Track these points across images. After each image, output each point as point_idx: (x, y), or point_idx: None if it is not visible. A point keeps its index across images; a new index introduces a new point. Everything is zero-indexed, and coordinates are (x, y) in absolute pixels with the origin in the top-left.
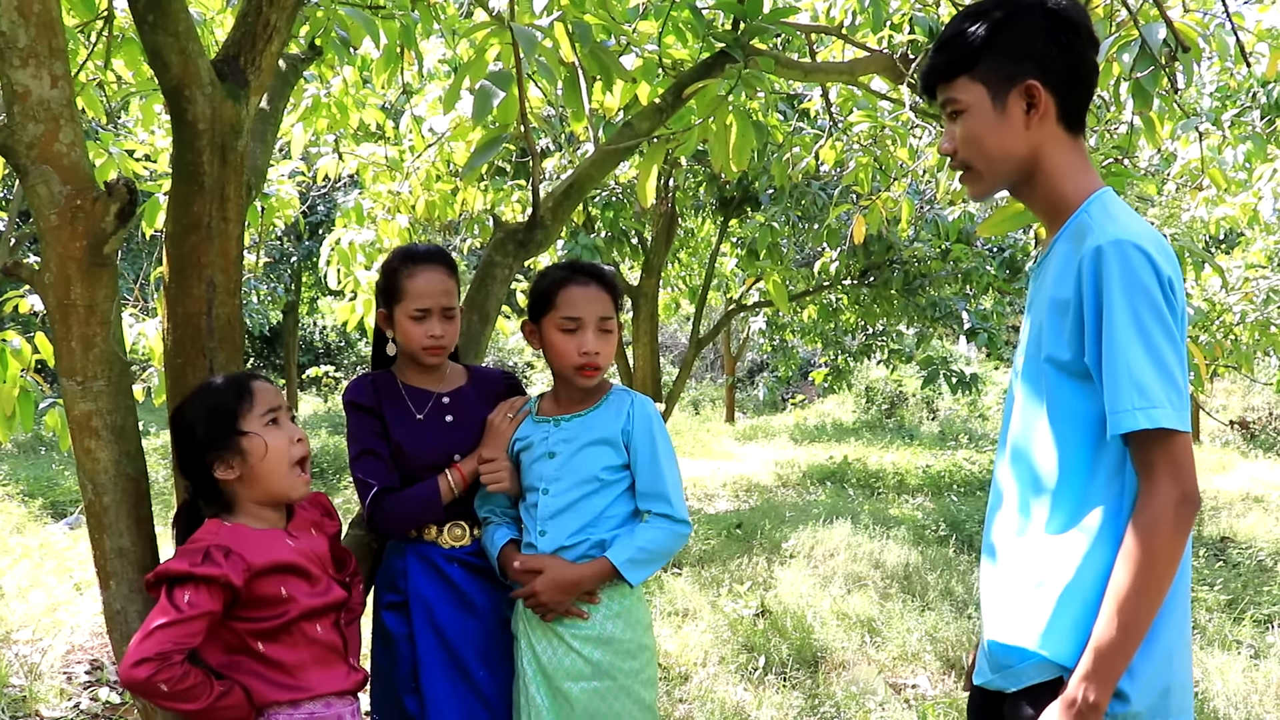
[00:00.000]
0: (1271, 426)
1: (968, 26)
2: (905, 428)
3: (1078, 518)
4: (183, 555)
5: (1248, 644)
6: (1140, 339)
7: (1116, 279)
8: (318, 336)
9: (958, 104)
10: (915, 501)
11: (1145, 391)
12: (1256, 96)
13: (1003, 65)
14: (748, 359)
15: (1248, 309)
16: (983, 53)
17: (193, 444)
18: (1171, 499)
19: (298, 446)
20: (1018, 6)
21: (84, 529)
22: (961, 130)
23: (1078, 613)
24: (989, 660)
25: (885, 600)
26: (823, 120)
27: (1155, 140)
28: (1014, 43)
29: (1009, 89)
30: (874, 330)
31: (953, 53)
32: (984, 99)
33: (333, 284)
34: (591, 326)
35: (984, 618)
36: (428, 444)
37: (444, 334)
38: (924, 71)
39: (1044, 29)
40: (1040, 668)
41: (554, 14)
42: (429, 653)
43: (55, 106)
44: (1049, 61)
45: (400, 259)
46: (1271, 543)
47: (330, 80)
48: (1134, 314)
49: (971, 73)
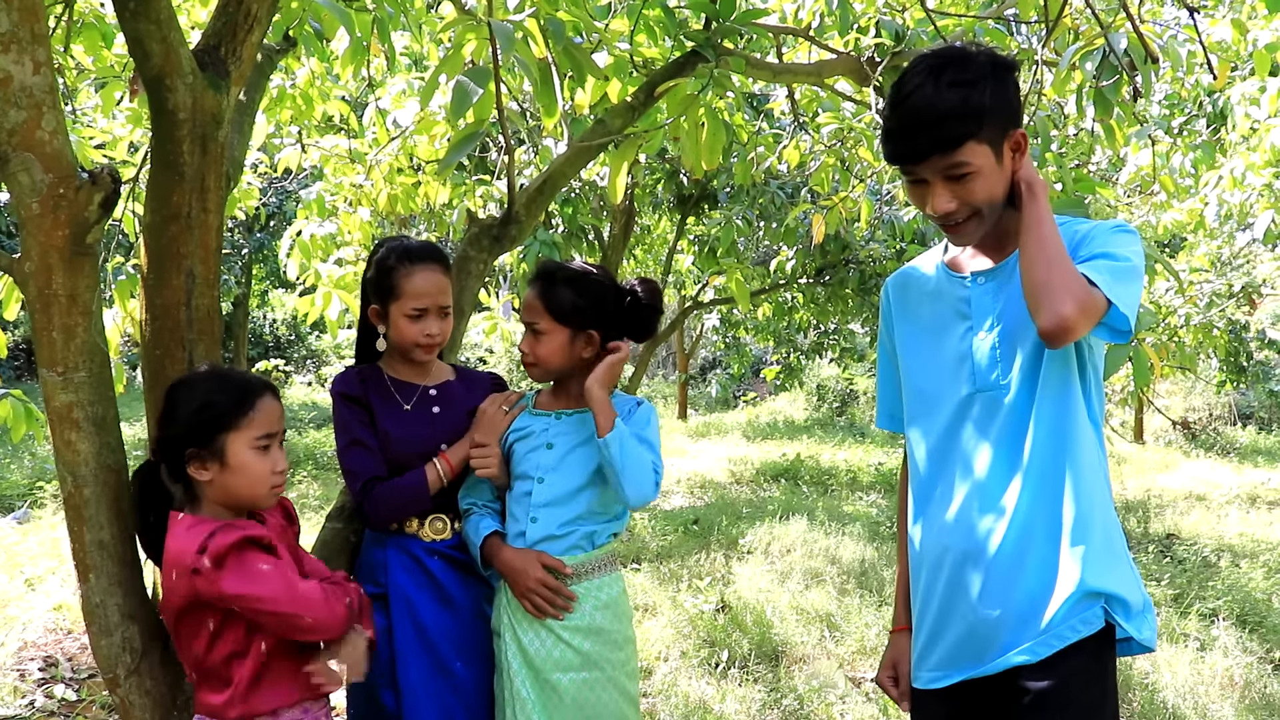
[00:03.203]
0: (1212, 427)
1: (965, 96)
2: (856, 425)
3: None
4: (222, 531)
5: (1194, 637)
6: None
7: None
8: (268, 330)
9: (968, 167)
10: (869, 498)
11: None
12: (1203, 105)
13: (998, 123)
14: (700, 356)
15: (1191, 312)
16: (985, 117)
17: (179, 431)
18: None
19: (276, 477)
20: (1002, 67)
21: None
22: (970, 189)
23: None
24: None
25: (843, 595)
26: (785, 120)
27: (1115, 146)
28: (1004, 101)
29: (1003, 142)
30: (826, 329)
31: (956, 123)
32: (990, 158)
33: (293, 276)
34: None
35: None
36: (415, 434)
37: (439, 332)
38: (917, 145)
39: (1010, 80)
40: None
41: (528, 10)
42: (407, 646)
43: (37, 93)
44: (1018, 107)
45: (397, 257)
46: (1214, 539)
47: (296, 71)
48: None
49: (977, 137)
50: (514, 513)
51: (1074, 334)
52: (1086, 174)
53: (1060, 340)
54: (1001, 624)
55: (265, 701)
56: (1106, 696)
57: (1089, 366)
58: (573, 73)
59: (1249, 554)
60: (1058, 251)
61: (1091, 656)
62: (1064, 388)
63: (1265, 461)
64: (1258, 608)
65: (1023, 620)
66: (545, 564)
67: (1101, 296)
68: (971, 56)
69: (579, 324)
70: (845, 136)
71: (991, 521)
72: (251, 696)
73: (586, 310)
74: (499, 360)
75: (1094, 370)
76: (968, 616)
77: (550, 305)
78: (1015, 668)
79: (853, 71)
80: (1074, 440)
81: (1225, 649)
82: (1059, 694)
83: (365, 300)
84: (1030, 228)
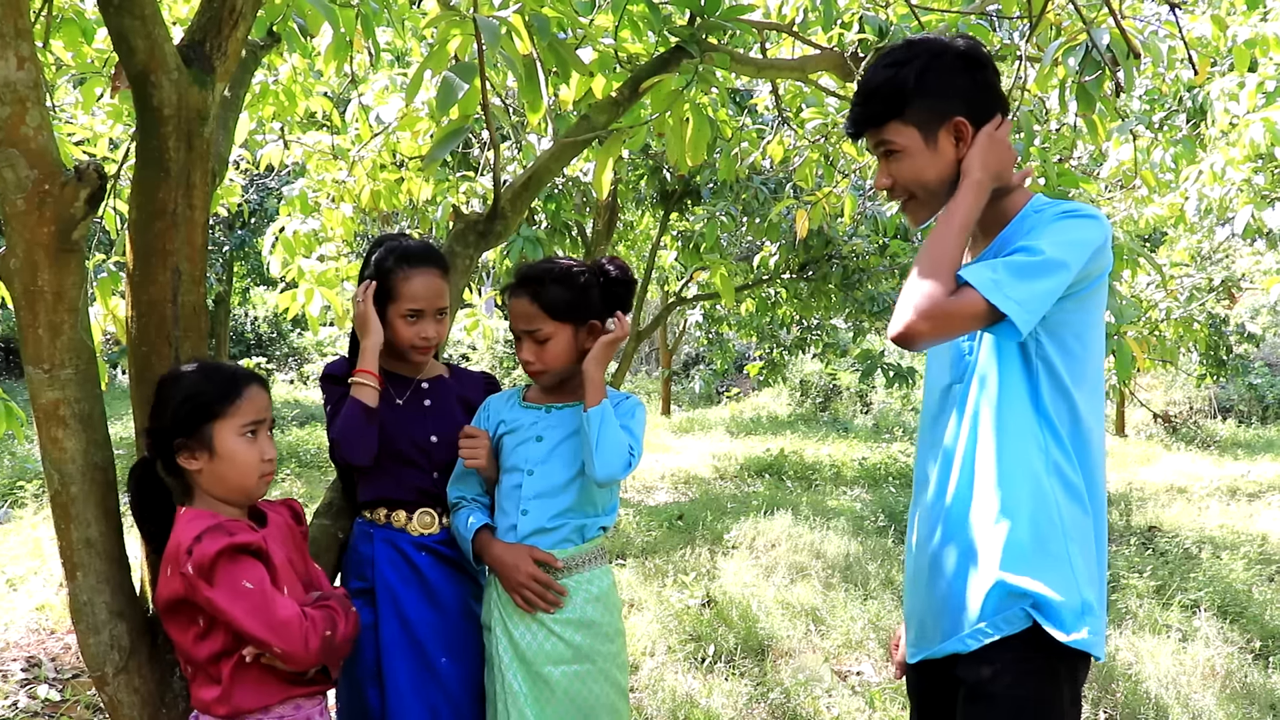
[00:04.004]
0: (1192, 420)
1: (891, 75)
2: (840, 421)
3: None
4: (211, 535)
5: (1176, 628)
6: None
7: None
8: (249, 327)
9: (891, 145)
10: (853, 493)
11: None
12: (1183, 100)
13: (930, 107)
14: (683, 352)
15: (1172, 306)
16: (910, 98)
17: (166, 422)
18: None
19: (265, 465)
20: (932, 53)
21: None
22: (898, 168)
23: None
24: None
25: (828, 590)
26: (768, 115)
27: (1097, 140)
28: (937, 86)
29: (938, 127)
30: (809, 324)
31: (880, 102)
32: (916, 139)
33: (276, 272)
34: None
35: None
36: (407, 426)
37: (436, 335)
38: (852, 119)
39: (960, 69)
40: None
41: (512, 6)
42: (393, 642)
43: (22, 89)
44: (971, 97)
45: (396, 259)
46: (1195, 531)
47: (279, 67)
48: None
49: (901, 117)
50: (504, 506)
51: (918, 341)
52: (1069, 168)
53: (906, 346)
54: (941, 611)
55: (253, 699)
56: (1041, 694)
57: (1035, 360)
58: (557, 68)
59: (1229, 546)
60: (940, 251)
61: (1020, 654)
62: (1005, 381)
63: (1245, 454)
64: (1238, 599)
65: (954, 610)
66: (536, 559)
67: (969, 301)
68: (920, 43)
69: (580, 318)
70: (829, 132)
71: (935, 510)
72: (239, 693)
73: (580, 302)
74: (481, 357)
75: (1048, 365)
76: (920, 600)
77: (548, 307)
78: (953, 655)
79: (836, 67)
80: (1011, 434)
81: (1207, 639)
82: (984, 687)
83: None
84: (937, 222)
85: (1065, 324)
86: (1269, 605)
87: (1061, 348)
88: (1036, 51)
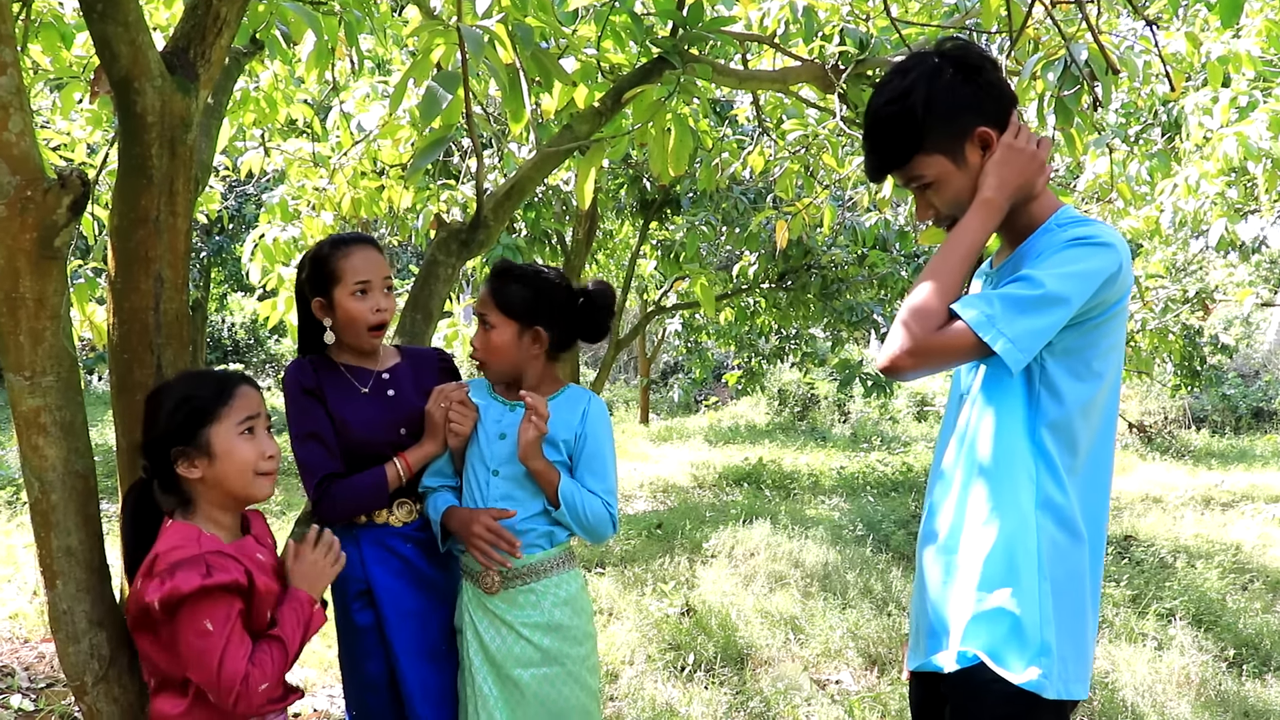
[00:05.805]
0: (1167, 430)
1: (897, 111)
2: (818, 430)
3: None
4: (189, 568)
5: (1152, 637)
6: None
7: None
8: (226, 334)
9: (923, 179)
10: (831, 502)
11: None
12: (1158, 115)
13: (947, 130)
14: (662, 361)
15: (1148, 317)
16: (925, 129)
17: (161, 432)
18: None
19: (266, 462)
20: (929, 74)
21: None
22: (937, 198)
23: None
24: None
25: (807, 598)
26: (749, 126)
27: (1075, 153)
28: (945, 106)
29: (962, 144)
30: (788, 333)
31: (897, 141)
32: (945, 165)
33: (255, 280)
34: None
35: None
36: (373, 418)
37: (387, 308)
38: (873, 166)
39: (962, 80)
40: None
41: (496, 16)
42: (400, 639)
43: (4, 94)
44: (981, 103)
45: (330, 245)
46: (1170, 540)
47: (260, 74)
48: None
49: (923, 150)
50: (473, 494)
51: (904, 374)
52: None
53: (892, 378)
54: (929, 627)
55: (216, 714)
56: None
57: (1039, 386)
58: (540, 78)
59: (1204, 555)
60: (939, 279)
61: (995, 678)
62: (1002, 408)
63: (1219, 464)
64: (1213, 607)
65: (934, 629)
66: (494, 516)
67: (959, 336)
68: (911, 67)
69: (526, 319)
70: (809, 143)
71: (929, 526)
72: (202, 710)
73: (534, 306)
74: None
75: (1054, 393)
76: (915, 609)
77: (499, 299)
78: (937, 671)
79: (817, 78)
80: (1001, 464)
81: (1182, 648)
82: (961, 711)
83: (303, 301)
84: (942, 246)
85: (1074, 351)
86: (1242, 614)
87: (1070, 374)
88: (1016, 66)
